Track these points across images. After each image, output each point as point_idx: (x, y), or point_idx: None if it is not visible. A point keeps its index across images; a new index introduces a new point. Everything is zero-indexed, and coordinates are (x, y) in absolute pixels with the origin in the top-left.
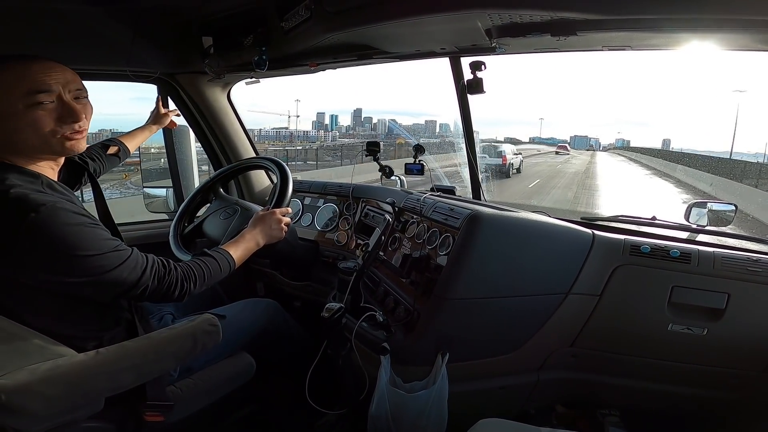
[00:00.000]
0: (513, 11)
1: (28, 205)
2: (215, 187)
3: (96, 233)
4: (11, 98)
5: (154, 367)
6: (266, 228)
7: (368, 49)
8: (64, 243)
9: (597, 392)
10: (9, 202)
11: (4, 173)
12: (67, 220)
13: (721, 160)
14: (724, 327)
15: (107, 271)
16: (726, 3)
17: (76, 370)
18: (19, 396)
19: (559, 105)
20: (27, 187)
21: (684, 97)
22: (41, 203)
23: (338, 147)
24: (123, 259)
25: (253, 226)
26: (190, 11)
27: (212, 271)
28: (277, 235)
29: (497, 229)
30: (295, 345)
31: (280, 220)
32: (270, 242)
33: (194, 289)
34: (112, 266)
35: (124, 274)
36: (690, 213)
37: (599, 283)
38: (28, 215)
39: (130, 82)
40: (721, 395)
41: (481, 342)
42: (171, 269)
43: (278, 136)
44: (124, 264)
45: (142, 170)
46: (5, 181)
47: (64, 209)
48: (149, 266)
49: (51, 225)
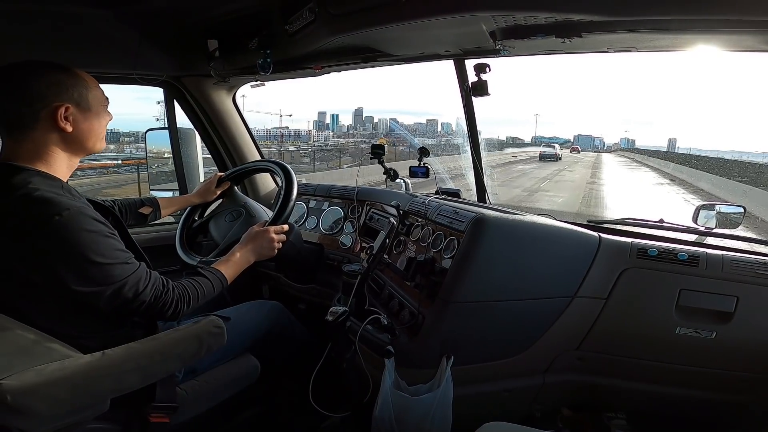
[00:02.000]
0: (518, 13)
1: (54, 207)
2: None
3: (110, 243)
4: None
5: (159, 369)
6: (257, 246)
7: (372, 51)
8: (81, 247)
9: (603, 395)
10: (34, 203)
11: (26, 176)
12: (87, 226)
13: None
14: (733, 330)
15: (113, 282)
16: (732, 3)
17: (82, 371)
18: (25, 397)
19: (561, 103)
20: (50, 190)
21: (689, 96)
22: (66, 207)
23: (331, 148)
24: (129, 272)
25: (244, 243)
26: (196, 14)
27: (205, 291)
28: (267, 253)
29: (502, 232)
30: (300, 347)
31: (272, 239)
32: (260, 260)
33: (186, 309)
34: (119, 278)
35: (126, 288)
36: (698, 215)
37: (606, 286)
38: (53, 218)
39: (136, 85)
40: (730, 398)
41: (486, 345)
42: (169, 289)
43: (269, 136)
44: (130, 277)
45: (149, 173)
46: (29, 184)
47: (85, 215)
48: (150, 283)
49: (72, 229)
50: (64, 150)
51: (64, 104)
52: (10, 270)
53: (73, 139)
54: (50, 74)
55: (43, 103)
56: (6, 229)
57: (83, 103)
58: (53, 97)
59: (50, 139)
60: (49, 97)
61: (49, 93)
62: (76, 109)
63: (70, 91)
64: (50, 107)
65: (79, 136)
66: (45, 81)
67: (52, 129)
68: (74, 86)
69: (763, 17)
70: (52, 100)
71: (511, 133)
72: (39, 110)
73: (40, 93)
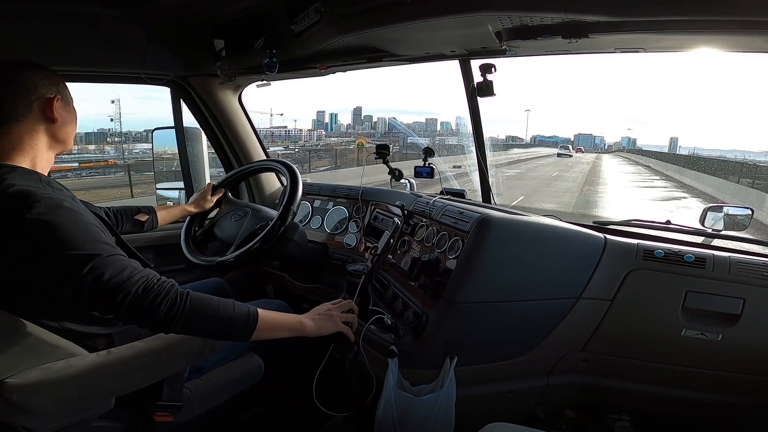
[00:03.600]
0: (524, 13)
1: (31, 198)
2: (226, 188)
3: (92, 231)
4: (67, 93)
5: (164, 368)
6: (322, 318)
7: (377, 51)
8: (56, 236)
9: (607, 397)
10: (9, 197)
11: (4, 173)
12: (65, 214)
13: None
14: (739, 332)
15: (89, 270)
16: (739, 4)
17: (87, 370)
18: (31, 395)
19: (560, 102)
20: (27, 183)
21: (690, 95)
22: (43, 196)
23: (320, 148)
24: (111, 262)
25: (310, 312)
26: (203, 14)
27: (219, 310)
28: (331, 327)
29: (507, 232)
30: (304, 347)
31: (341, 317)
32: (320, 334)
33: (188, 311)
34: (98, 267)
35: (105, 276)
36: (705, 217)
37: (611, 288)
38: (31, 208)
39: (143, 84)
40: (735, 401)
41: (490, 346)
42: (164, 282)
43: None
44: (110, 265)
45: (155, 172)
46: (5, 180)
47: (62, 204)
48: (138, 274)
49: (49, 217)
50: (47, 143)
51: (56, 96)
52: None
53: (57, 131)
54: (40, 70)
55: (37, 94)
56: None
57: (65, 97)
58: (45, 88)
59: (36, 131)
60: (41, 88)
61: (41, 85)
62: (62, 102)
63: (59, 85)
64: (43, 98)
65: (64, 128)
66: (38, 74)
67: (41, 121)
68: (59, 81)
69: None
70: (45, 92)
71: (509, 131)
72: (33, 101)
73: (35, 84)
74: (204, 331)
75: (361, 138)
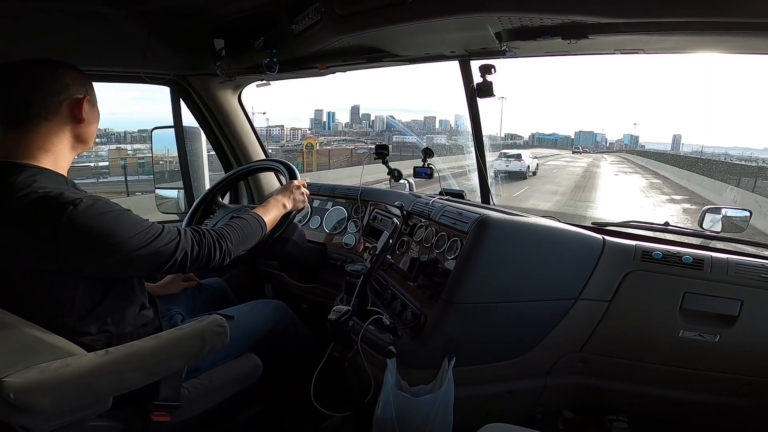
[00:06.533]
0: (524, 14)
1: (66, 201)
2: (226, 187)
3: (129, 217)
4: (94, 94)
5: (162, 367)
6: (289, 194)
7: (377, 52)
8: (104, 230)
9: (605, 398)
10: (46, 200)
11: (30, 175)
12: (102, 210)
13: None
14: (737, 334)
15: (146, 244)
16: (739, 6)
17: (85, 370)
18: (28, 394)
19: (562, 101)
20: (57, 186)
21: (692, 93)
22: (77, 198)
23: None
24: (158, 231)
25: (279, 192)
26: (204, 13)
27: (245, 231)
28: (300, 198)
29: (506, 233)
30: (302, 347)
31: (299, 186)
32: (295, 208)
33: (231, 247)
34: (150, 239)
35: (162, 244)
36: (704, 219)
37: (609, 289)
38: (66, 210)
39: (143, 83)
40: (732, 402)
41: (488, 346)
42: (204, 232)
43: None
44: (161, 236)
45: (154, 172)
46: (35, 183)
47: (96, 203)
48: (183, 234)
49: (89, 216)
50: (70, 143)
51: (85, 96)
52: (20, 267)
53: (82, 131)
54: (72, 70)
55: (67, 93)
56: (17, 225)
57: (92, 97)
58: (76, 88)
59: (63, 131)
60: (72, 88)
61: (72, 85)
62: (89, 103)
63: (87, 85)
64: (72, 98)
65: (89, 128)
66: (70, 74)
67: (68, 121)
68: (87, 81)
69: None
70: (75, 92)
71: (507, 129)
72: (63, 101)
73: (66, 84)
74: (243, 249)
75: (309, 138)
